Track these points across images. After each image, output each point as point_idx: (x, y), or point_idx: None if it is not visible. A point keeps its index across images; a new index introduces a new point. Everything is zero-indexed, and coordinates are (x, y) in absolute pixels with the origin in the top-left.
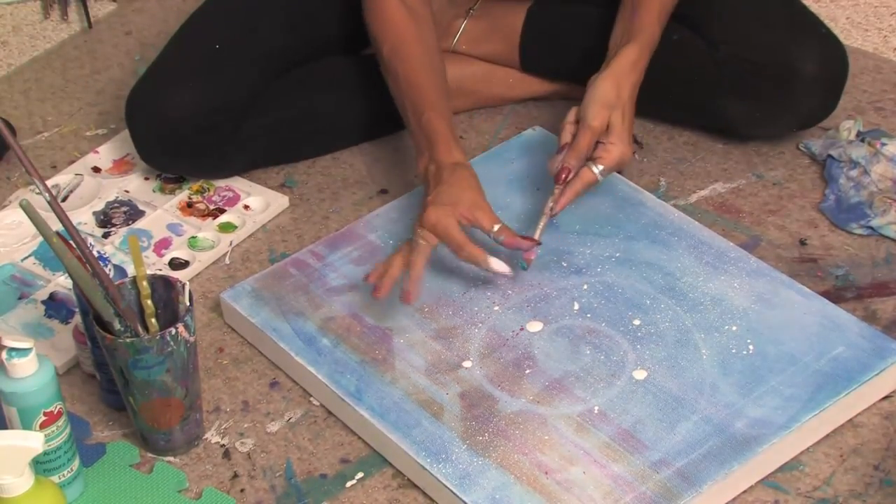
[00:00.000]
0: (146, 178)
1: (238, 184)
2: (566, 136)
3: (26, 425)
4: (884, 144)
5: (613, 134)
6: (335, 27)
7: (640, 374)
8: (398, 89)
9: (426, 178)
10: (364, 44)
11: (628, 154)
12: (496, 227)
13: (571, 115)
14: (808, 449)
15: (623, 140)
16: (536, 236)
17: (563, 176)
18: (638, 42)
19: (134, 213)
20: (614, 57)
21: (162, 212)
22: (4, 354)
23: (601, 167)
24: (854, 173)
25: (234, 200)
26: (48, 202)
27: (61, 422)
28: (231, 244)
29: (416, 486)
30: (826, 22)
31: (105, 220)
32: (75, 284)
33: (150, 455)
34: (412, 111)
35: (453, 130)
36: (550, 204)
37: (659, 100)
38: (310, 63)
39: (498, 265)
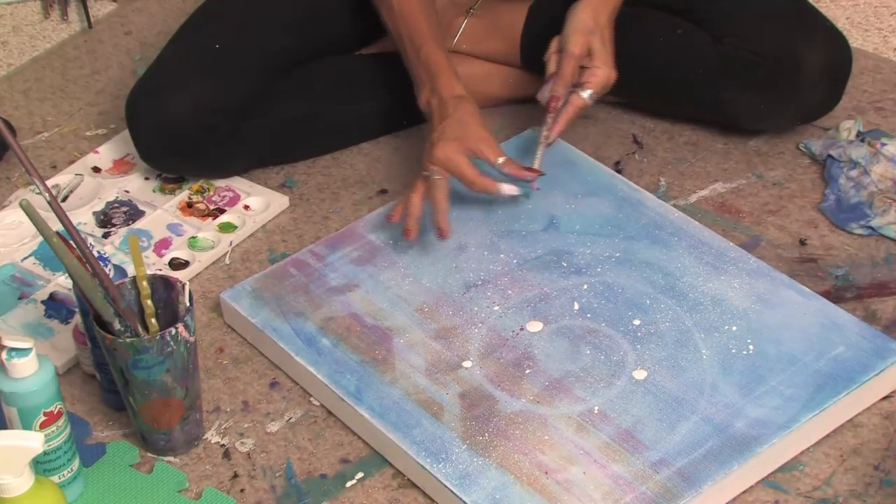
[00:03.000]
0: (146, 178)
1: (238, 184)
2: (552, 67)
3: (26, 425)
4: (884, 144)
5: (596, 58)
6: (335, 27)
7: (640, 374)
8: (393, 20)
9: (429, 110)
10: (363, 43)
11: (612, 76)
12: (501, 160)
13: (554, 46)
14: (808, 449)
15: (606, 62)
16: (536, 166)
17: (553, 104)
18: None
19: (134, 213)
20: None
21: (162, 212)
22: (4, 354)
23: (589, 91)
24: (854, 173)
25: (234, 200)
26: (48, 202)
27: (61, 422)
28: (231, 244)
29: (416, 486)
30: None
31: (105, 220)
32: (75, 284)
33: (150, 455)
34: (409, 43)
35: (452, 63)
36: (545, 132)
37: (663, 94)
38: (310, 63)
39: (509, 189)
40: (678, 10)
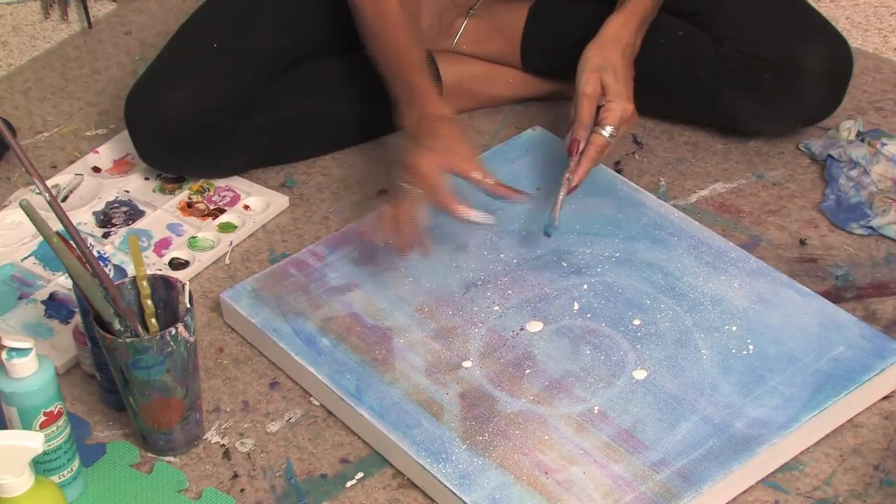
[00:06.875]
0: (146, 178)
1: (238, 184)
2: (572, 114)
3: (26, 425)
4: (884, 144)
5: (610, 93)
6: (334, 27)
7: (640, 374)
8: (379, 51)
9: (418, 129)
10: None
11: (630, 109)
12: (490, 180)
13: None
14: (808, 449)
15: (621, 96)
16: (557, 210)
17: (574, 148)
18: (623, 11)
19: (134, 213)
20: (600, 29)
21: (162, 212)
22: (4, 354)
23: (609, 128)
24: (854, 173)
25: (234, 200)
26: (48, 202)
27: (61, 422)
28: (231, 244)
29: (416, 486)
30: None
31: (105, 220)
32: (75, 284)
33: (150, 455)
34: (395, 68)
35: (436, 85)
36: (567, 175)
37: (663, 96)
38: (309, 62)
39: (479, 216)
40: (678, 12)
